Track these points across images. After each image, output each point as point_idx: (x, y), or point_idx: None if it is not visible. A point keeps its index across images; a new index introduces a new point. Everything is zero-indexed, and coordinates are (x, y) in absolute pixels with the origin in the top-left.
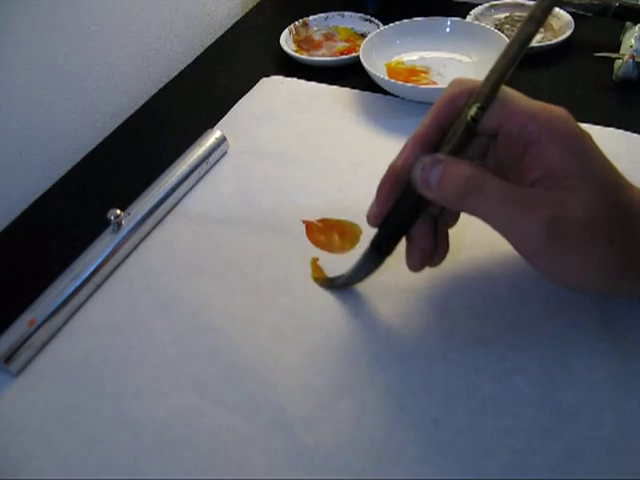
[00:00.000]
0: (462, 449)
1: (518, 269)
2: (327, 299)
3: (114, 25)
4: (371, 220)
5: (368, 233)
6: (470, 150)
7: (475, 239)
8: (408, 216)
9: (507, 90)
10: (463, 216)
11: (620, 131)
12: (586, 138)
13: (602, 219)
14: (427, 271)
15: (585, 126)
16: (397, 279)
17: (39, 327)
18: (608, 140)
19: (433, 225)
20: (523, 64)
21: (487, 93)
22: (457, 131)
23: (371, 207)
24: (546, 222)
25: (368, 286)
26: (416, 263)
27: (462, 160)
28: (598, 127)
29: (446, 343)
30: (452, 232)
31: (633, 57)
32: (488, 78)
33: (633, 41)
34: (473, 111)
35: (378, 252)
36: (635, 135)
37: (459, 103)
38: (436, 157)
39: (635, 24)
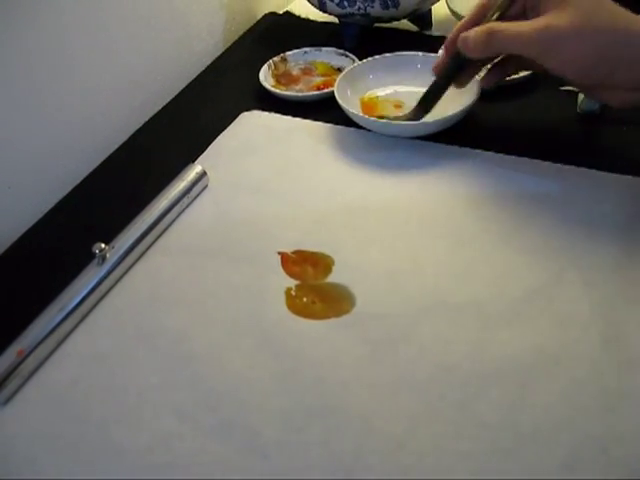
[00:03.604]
0: (426, 471)
1: (483, 296)
2: (300, 327)
3: (97, 61)
4: (435, 69)
5: (340, 264)
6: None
7: (441, 267)
8: (445, 80)
9: None
10: (430, 246)
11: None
12: None
13: (586, 29)
14: (395, 298)
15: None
16: (366, 306)
17: (27, 357)
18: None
19: None
20: (491, 97)
21: None
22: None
23: (437, 59)
24: (541, 27)
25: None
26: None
27: None
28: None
29: (412, 369)
30: (420, 263)
31: None
32: None
33: None
34: None
35: (421, 108)
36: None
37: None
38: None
39: None
